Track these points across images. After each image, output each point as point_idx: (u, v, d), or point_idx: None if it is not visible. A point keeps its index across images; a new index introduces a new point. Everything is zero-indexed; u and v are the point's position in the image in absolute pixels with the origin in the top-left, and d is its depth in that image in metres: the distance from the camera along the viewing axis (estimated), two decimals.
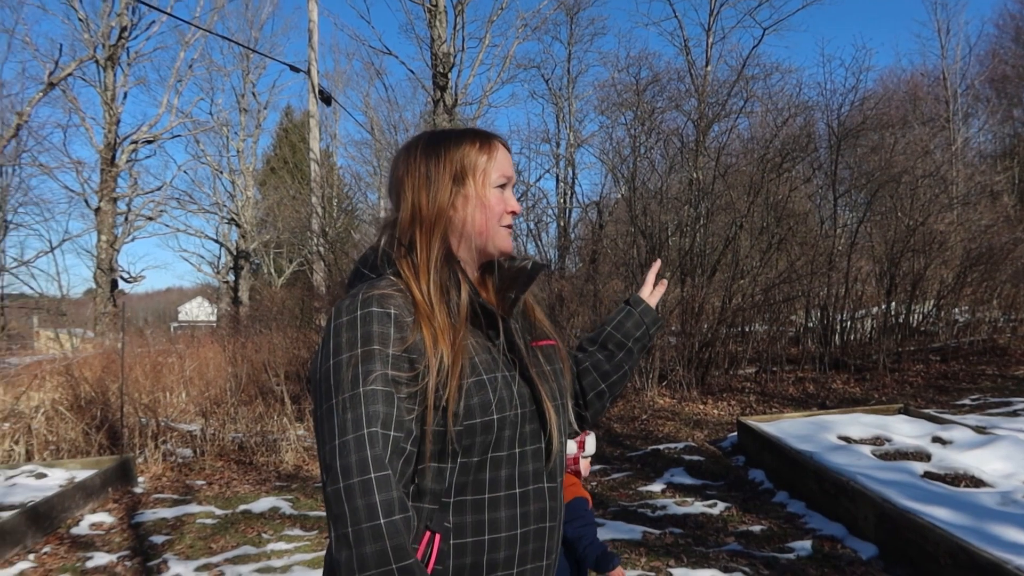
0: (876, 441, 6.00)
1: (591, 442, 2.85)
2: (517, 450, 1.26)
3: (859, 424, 6.36)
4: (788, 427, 6.52)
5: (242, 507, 5.95)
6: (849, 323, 11.03)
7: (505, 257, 1.40)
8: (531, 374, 1.29)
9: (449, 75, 14.73)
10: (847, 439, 6.07)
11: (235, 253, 27.26)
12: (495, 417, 1.21)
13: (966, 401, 8.29)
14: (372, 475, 1.10)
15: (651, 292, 1.70)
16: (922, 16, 63.35)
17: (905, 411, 6.98)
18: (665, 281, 1.72)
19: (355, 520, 1.09)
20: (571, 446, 2.78)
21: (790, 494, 5.51)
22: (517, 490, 1.26)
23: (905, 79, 27.72)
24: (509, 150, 1.43)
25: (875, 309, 11.13)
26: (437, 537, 1.19)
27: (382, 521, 1.08)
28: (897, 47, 57.64)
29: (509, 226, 1.39)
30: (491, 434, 1.22)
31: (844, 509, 4.75)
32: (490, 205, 1.34)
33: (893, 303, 10.78)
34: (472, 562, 1.22)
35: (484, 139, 1.38)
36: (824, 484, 5.06)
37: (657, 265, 1.71)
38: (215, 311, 32.76)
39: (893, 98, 19.40)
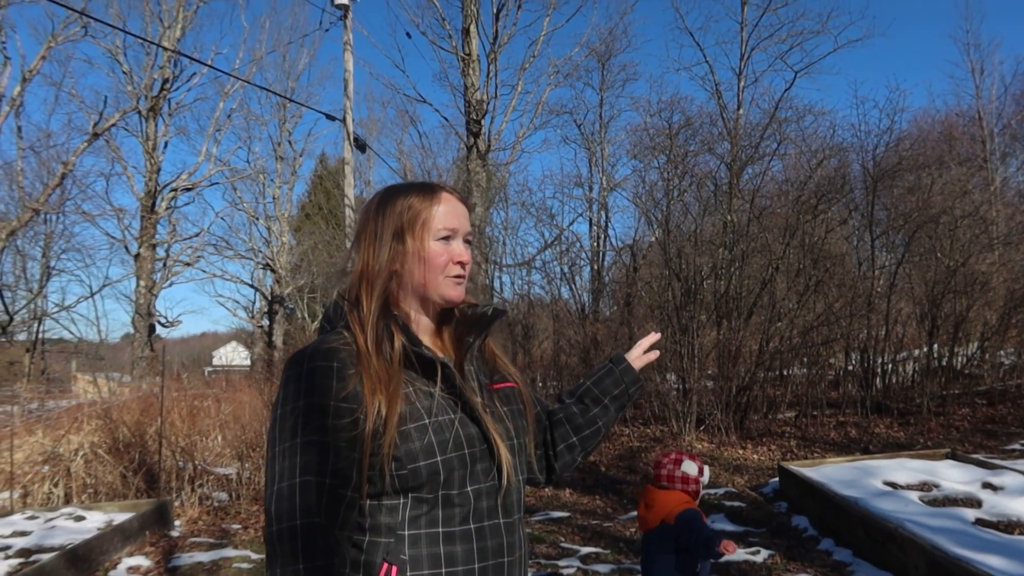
0: (924, 487, 5.83)
1: (707, 470, 3.21)
2: (469, 488, 1.29)
3: (905, 469, 6.20)
4: (831, 472, 6.37)
5: None
6: (890, 366, 10.80)
7: (453, 305, 1.43)
8: (479, 414, 1.33)
9: (482, 122, 14.90)
10: (893, 485, 5.91)
11: (270, 298, 27.52)
12: (439, 459, 1.25)
13: (1015, 446, 8.04)
14: (298, 522, 1.20)
15: (638, 356, 1.69)
16: (955, 57, 62.90)
17: (952, 456, 6.79)
18: (657, 352, 1.71)
19: (283, 563, 1.20)
20: (692, 467, 3.05)
21: (835, 541, 5.36)
22: (472, 526, 1.29)
23: (940, 119, 27.41)
24: (463, 201, 1.45)
25: (917, 352, 10.90)
26: (394, 569, 1.23)
27: (301, 566, 1.18)
28: (931, 88, 57.21)
29: (458, 276, 1.40)
30: (439, 476, 1.25)
31: (893, 557, 4.60)
32: (429, 258, 1.37)
33: (935, 345, 10.55)
34: None
35: (427, 192, 1.41)
36: (871, 531, 4.91)
37: (654, 337, 1.71)
38: (249, 355, 33.02)
39: (928, 139, 19.27)
